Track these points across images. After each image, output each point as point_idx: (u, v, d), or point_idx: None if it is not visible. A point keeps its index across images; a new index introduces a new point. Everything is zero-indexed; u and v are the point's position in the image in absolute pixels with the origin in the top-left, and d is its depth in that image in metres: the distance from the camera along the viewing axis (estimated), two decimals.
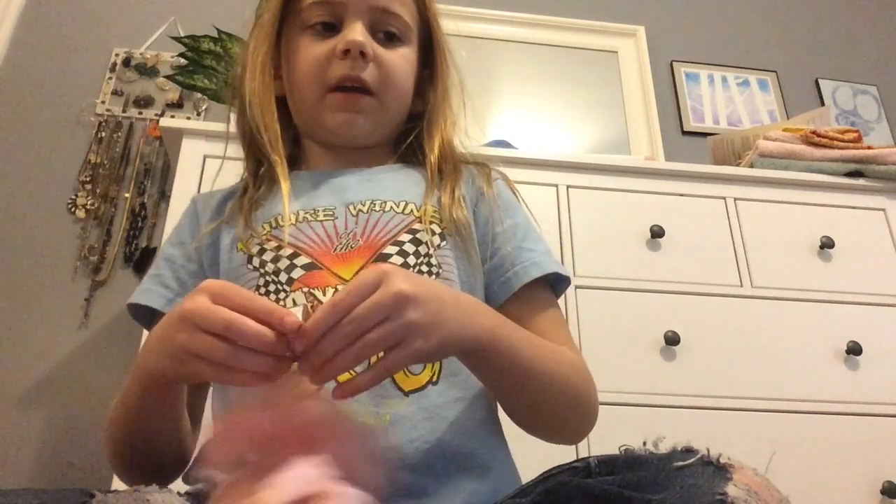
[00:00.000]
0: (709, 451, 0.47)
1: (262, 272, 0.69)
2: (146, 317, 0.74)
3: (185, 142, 1.38)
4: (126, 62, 1.96)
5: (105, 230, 1.75)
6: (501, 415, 0.69)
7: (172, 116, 1.88)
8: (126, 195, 1.79)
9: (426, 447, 0.60)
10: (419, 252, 0.70)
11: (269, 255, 0.70)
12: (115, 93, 1.92)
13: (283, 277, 0.68)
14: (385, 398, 0.61)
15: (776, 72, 2.32)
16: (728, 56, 2.32)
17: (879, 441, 1.31)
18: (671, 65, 2.27)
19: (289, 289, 0.67)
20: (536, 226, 0.80)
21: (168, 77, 1.73)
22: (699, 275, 1.43)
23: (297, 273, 0.68)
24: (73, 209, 1.76)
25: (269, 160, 0.76)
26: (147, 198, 1.80)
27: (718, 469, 0.45)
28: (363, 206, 0.73)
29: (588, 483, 0.49)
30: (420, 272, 0.68)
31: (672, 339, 1.32)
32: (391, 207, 0.73)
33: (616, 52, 2.26)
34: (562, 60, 2.21)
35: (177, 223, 0.82)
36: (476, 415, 0.65)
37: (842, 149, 1.60)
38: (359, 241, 0.70)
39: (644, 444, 0.52)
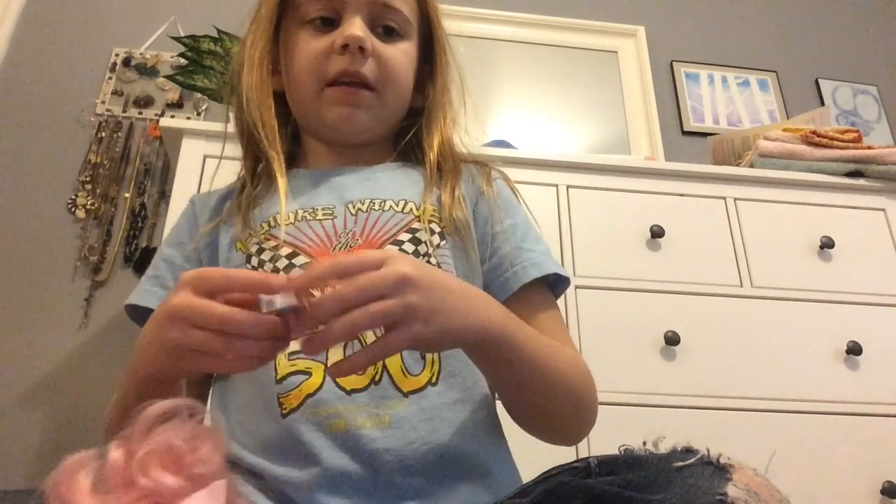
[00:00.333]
0: (709, 451, 0.47)
1: (261, 272, 0.69)
2: (144, 318, 0.73)
3: (185, 142, 1.38)
4: (126, 62, 1.96)
5: (105, 230, 1.75)
6: (502, 416, 0.69)
7: (172, 116, 1.88)
8: (126, 195, 1.79)
9: (425, 449, 0.60)
10: (418, 251, 0.70)
11: (268, 255, 0.70)
12: (115, 93, 1.92)
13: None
14: (384, 399, 0.61)
15: (776, 72, 2.32)
16: (728, 56, 2.32)
17: (879, 441, 1.31)
18: (671, 65, 2.27)
19: None
20: (536, 226, 0.80)
21: (168, 77, 1.73)
22: (699, 275, 1.42)
23: (296, 273, 0.68)
24: (73, 209, 1.76)
25: (267, 156, 0.75)
26: (147, 198, 1.80)
27: (718, 469, 0.45)
28: (362, 206, 0.73)
29: (588, 483, 0.49)
30: None
31: (672, 339, 1.32)
32: (390, 206, 0.73)
33: (616, 52, 2.26)
34: (562, 60, 2.21)
35: (175, 223, 0.81)
36: (476, 416, 0.65)
37: (842, 149, 1.60)
38: (358, 241, 0.70)
39: (644, 444, 0.52)
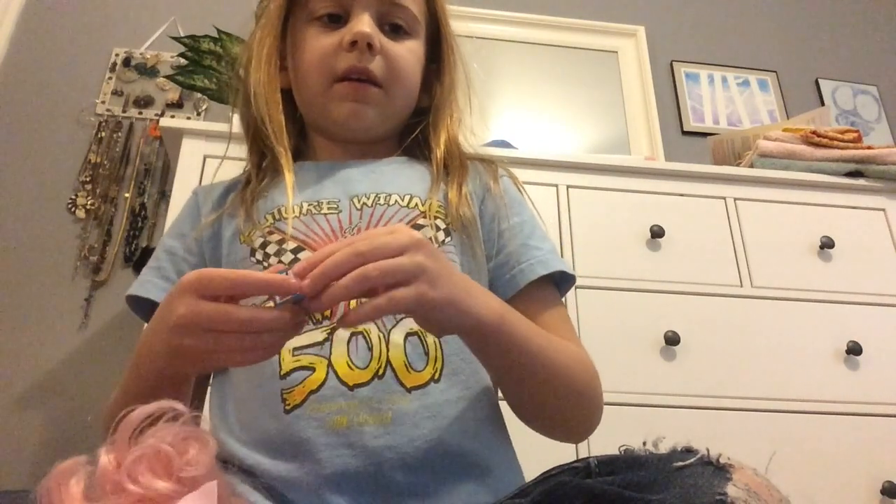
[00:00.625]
0: (709, 451, 0.47)
1: (266, 266, 0.69)
2: (144, 309, 0.73)
3: (185, 142, 1.38)
4: (126, 62, 1.96)
5: (105, 230, 1.75)
6: (507, 416, 0.69)
7: (172, 116, 1.88)
8: (126, 195, 1.79)
9: (427, 446, 0.59)
10: None
11: (273, 248, 0.70)
12: (115, 93, 1.92)
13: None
14: (387, 394, 0.61)
15: (776, 72, 2.31)
16: (728, 56, 2.32)
17: (879, 441, 1.31)
18: (671, 65, 2.27)
19: None
20: (542, 224, 0.80)
21: (168, 77, 1.73)
22: (699, 275, 1.42)
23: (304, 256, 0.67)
24: (73, 209, 1.76)
25: (274, 151, 0.75)
26: (147, 198, 1.80)
27: (718, 469, 0.45)
28: (368, 200, 0.73)
29: (588, 483, 0.49)
30: None
31: (672, 339, 1.32)
32: (396, 201, 0.73)
33: (616, 52, 2.26)
34: (562, 60, 2.21)
35: (177, 215, 0.81)
36: (478, 415, 0.65)
37: (842, 149, 1.60)
38: None
39: (644, 444, 0.52)
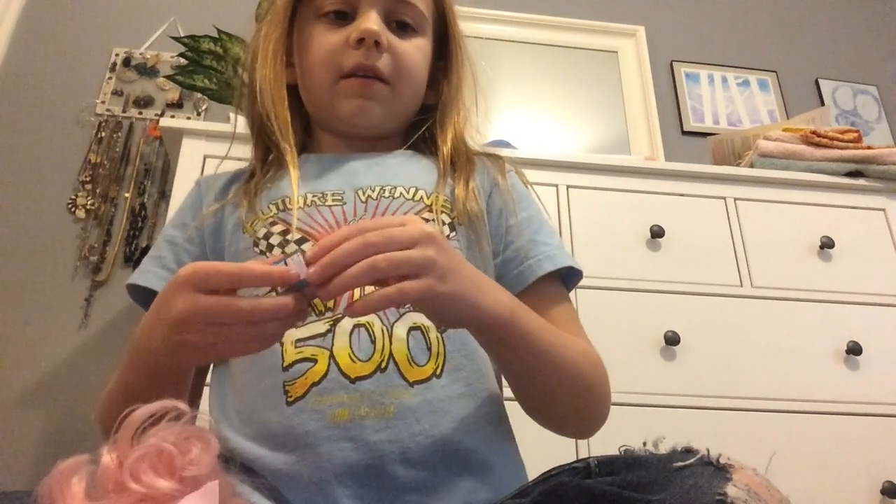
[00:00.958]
0: (709, 452, 0.47)
1: (269, 256, 0.68)
2: (144, 298, 0.73)
3: (185, 142, 1.38)
4: (126, 62, 1.96)
5: (105, 230, 1.75)
6: (511, 417, 0.69)
7: (172, 116, 1.88)
8: (126, 195, 1.79)
9: (428, 441, 0.59)
10: None
11: (276, 239, 0.69)
12: (115, 93, 1.92)
13: None
14: (390, 388, 0.60)
15: (776, 72, 2.32)
16: (728, 56, 2.32)
17: (879, 441, 1.31)
18: (671, 65, 2.27)
19: None
20: (549, 220, 0.80)
21: (168, 77, 1.73)
22: (699, 275, 1.42)
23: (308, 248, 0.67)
24: (73, 209, 1.76)
25: (279, 147, 0.75)
26: (147, 198, 1.80)
27: (718, 469, 0.45)
28: (373, 192, 0.72)
29: (588, 483, 0.49)
30: None
31: (672, 339, 1.32)
32: (401, 194, 0.72)
33: (616, 52, 2.26)
34: (562, 60, 2.21)
35: (179, 205, 0.81)
36: (480, 412, 0.65)
37: (842, 149, 1.60)
38: None
39: (644, 445, 0.52)
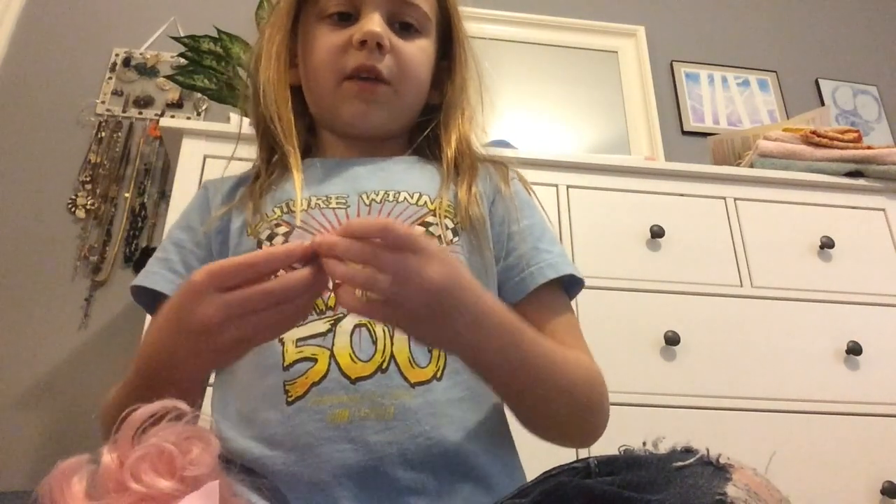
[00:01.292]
0: (708, 451, 0.47)
1: (267, 247, 0.68)
2: (149, 300, 0.73)
3: (185, 142, 1.38)
4: (126, 62, 1.96)
5: (105, 230, 1.75)
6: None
7: (172, 116, 1.88)
8: (126, 195, 1.79)
9: (428, 444, 0.60)
10: None
11: (280, 241, 0.69)
12: (115, 93, 1.92)
13: None
14: (391, 388, 0.61)
15: (776, 72, 2.31)
16: (728, 56, 2.32)
17: (879, 441, 1.31)
18: (671, 65, 2.27)
19: None
20: (552, 227, 0.80)
21: (168, 77, 1.73)
22: (699, 275, 1.42)
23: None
24: (73, 209, 1.76)
25: (283, 150, 0.76)
26: (147, 198, 1.80)
27: (718, 469, 0.45)
28: (376, 196, 0.72)
29: (588, 483, 0.49)
30: None
31: (672, 339, 1.32)
32: (405, 198, 0.73)
33: (616, 52, 2.26)
34: (562, 60, 2.21)
35: (186, 208, 0.81)
36: (479, 417, 0.65)
37: (842, 149, 1.60)
38: None
39: (644, 444, 0.52)
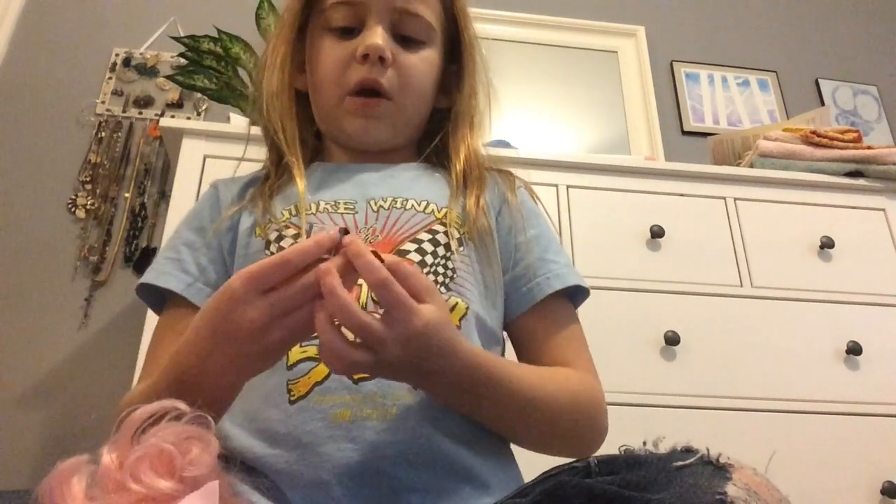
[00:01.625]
0: (708, 451, 0.47)
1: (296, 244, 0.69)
2: (155, 299, 0.73)
3: (185, 142, 1.38)
4: (126, 62, 1.96)
5: (105, 230, 1.75)
6: None
7: (172, 116, 1.88)
8: (126, 195, 1.79)
9: (429, 444, 0.60)
10: (437, 252, 0.69)
11: (288, 242, 0.70)
12: (115, 93, 1.92)
13: None
14: (392, 388, 0.61)
15: (776, 72, 2.32)
16: (728, 56, 2.32)
17: (879, 441, 1.31)
18: (671, 65, 2.27)
19: None
20: (557, 236, 0.80)
21: (168, 77, 1.73)
22: (699, 275, 1.42)
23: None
24: (73, 209, 1.76)
25: (287, 158, 0.76)
26: (147, 198, 1.80)
27: (718, 469, 0.45)
28: (384, 203, 0.73)
29: (588, 483, 0.49)
30: (435, 273, 0.68)
31: (672, 339, 1.32)
32: (412, 206, 0.73)
33: (616, 52, 2.26)
34: (562, 60, 2.21)
35: (195, 207, 0.81)
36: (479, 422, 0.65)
37: (842, 149, 1.60)
38: (378, 237, 0.70)
39: (644, 444, 0.52)
